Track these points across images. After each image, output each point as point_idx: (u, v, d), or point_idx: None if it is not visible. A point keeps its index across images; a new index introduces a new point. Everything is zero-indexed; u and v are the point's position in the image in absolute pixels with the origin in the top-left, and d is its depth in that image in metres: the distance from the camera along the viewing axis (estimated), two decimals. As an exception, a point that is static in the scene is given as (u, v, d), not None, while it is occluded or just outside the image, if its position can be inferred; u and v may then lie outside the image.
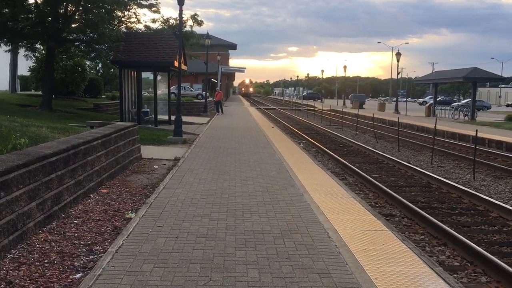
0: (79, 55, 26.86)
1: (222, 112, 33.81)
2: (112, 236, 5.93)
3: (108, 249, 5.25)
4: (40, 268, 4.85)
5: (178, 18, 18.41)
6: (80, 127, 12.48)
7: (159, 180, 9.26)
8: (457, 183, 11.06)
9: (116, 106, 25.77)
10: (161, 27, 27.43)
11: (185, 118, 20.26)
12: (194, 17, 30.21)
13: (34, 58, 25.88)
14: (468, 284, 5.54)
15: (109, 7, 20.88)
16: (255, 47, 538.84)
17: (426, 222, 7.67)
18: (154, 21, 27.28)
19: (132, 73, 22.23)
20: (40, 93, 27.80)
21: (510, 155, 16.01)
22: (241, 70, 69.50)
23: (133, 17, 24.03)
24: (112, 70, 43.91)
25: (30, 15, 20.23)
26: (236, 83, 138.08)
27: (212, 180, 9.04)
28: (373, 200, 9.52)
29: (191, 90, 51.12)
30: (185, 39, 25.98)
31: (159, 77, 24.26)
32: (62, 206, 6.65)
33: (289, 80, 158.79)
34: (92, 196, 7.87)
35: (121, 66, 21.04)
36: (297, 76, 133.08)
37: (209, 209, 6.84)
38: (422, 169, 13.02)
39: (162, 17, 27.69)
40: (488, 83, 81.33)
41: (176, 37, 21.32)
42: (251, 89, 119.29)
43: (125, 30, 23.53)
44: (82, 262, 5.07)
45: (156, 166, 11.14)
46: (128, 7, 22.41)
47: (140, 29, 25.82)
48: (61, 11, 21.09)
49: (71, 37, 22.21)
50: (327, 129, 25.69)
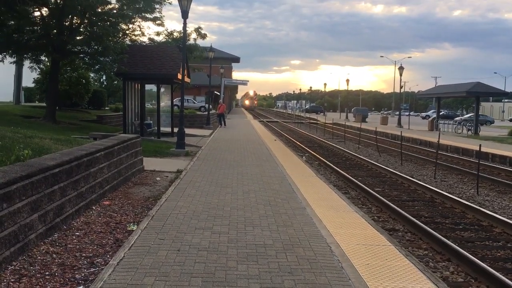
0: (83, 67, 27.09)
1: (225, 125, 33.87)
2: (113, 248, 5.91)
3: (109, 261, 5.22)
4: (41, 280, 4.82)
5: (182, 31, 18.52)
6: (83, 138, 12.50)
7: (161, 193, 9.25)
8: (460, 198, 11.01)
9: (120, 118, 25.85)
10: (165, 40, 27.61)
11: (187, 131, 20.29)
12: (197, 30, 30.48)
13: (38, 70, 26.09)
14: (472, 301, 5.48)
15: (114, 20, 21.08)
16: (258, 60, 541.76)
17: (430, 237, 7.61)
18: (158, 34, 27.50)
19: (136, 85, 22.34)
20: (44, 104, 27.93)
21: (514, 170, 15.93)
22: (244, 82, 69.88)
23: (137, 30, 24.26)
24: (115, 82, 44.16)
25: (35, 28, 20.44)
26: (239, 96, 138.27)
27: (214, 192, 9.01)
28: (376, 214, 9.47)
29: (194, 103, 51.33)
30: (188, 52, 26.14)
31: (162, 90, 24.42)
32: (64, 218, 6.64)
33: (292, 93, 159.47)
34: (94, 208, 7.85)
35: (124, 78, 21.14)
36: (300, 89, 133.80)
37: (211, 222, 6.81)
38: (425, 183, 12.96)
39: (166, 30, 27.95)
40: (491, 97, 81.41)
41: (179, 50, 21.45)
42: (255, 102, 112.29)
43: (129, 43, 23.69)
44: (83, 275, 5.04)
45: (158, 178, 11.13)
46: (133, 20, 22.61)
47: (144, 42, 26.00)
48: (66, 23, 21.30)
49: (75, 50, 22.38)
50: (329, 143, 25.67)
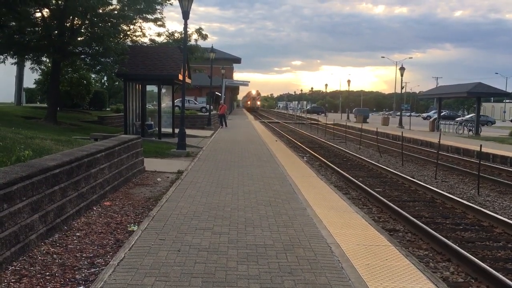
0: (84, 68, 27.06)
1: (226, 125, 33.89)
2: (114, 249, 5.92)
3: (109, 262, 5.23)
4: (41, 280, 4.83)
5: (183, 32, 18.55)
6: (84, 139, 12.52)
7: (162, 193, 9.26)
8: (461, 198, 11.00)
9: (121, 119, 25.86)
10: (166, 40, 27.62)
11: (188, 131, 20.31)
12: (198, 31, 30.45)
13: (40, 71, 26.12)
14: (472, 301, 5.48)
15: (115, 21, 21.09)
16: (259, 61, 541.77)
17: (430, 237, 7.61)
18: (159, 34, 27.49)
19: (137, 86, 22.36)
20: (45, 105, 27.98)
21: (515, 170, 15.92)
22: (245, 83, 69.90)
23: (138, 31, 24.25)
24: (117, 83, 44.21)
25: (36, 29, 20.45)
26: (240, 96, 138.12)
27: (215, 193, 9.02)
28: (376, 215, 9.47)
29: (195, 103, 51.35)
30: (189, 52, 26.15)
31: (163, 90, 24.44)
32: (64, 219, 6.65)
33: (293, 94, 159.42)
34: (95, 208, 7.86)
35: (125, 79, 21.16)
36: (301, 90, 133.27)
37: (212, 223, 6.82)
38: (426, 183, 12.96)
39: (167, 31, 27.90)
40: (492, 98, 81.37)
41: (180, 50, 21.47)
42: (258, 103, 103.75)
43: (130, 44, 23.70)
44: (83, 275, 5.05)
45: (159, 179, 11.14)
46: (134, 21, 22.62)
47: (145, 43, 26.02)
48: (67, 24, 21.31)
49: (76, 50, 22.40)
50: (330, 143, 25.67)
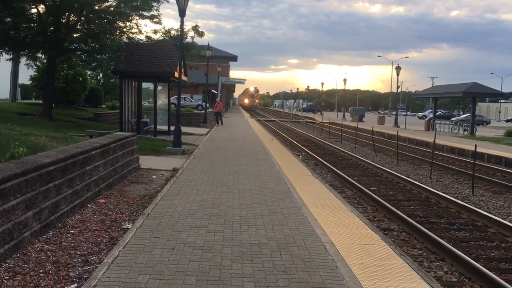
0: (80, 64, 27.01)
1: (222, 123, 33.86)
2: (108, 246, 5.91)
3: (104, 259, 5.22)
4: (35, 278, 4.81)
5: (180, 29, 18.51)
6: (79, 136, 12.48)
7: (157, 191, 9.24)
8: (456, 198, 11.04)
9: (116, 116, 25.82)
10: (162, 38, 27.56)
11: (184, 129, 20.29)
12: (195, 29, 30.40)
13: (35, 67, 26.02)
14: (465, 300, 5.50)
15: (111, 17, 21.05)
16: (255, 59, 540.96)
17: (424, 237, 7.64)
18: (155, 32, 27.41)
19: (133, 83, 22.31)
20: (40, 102, 27.90)
21: (509, 170, 16.01)
22: (242, 81, 69.77)
23: (134, 28, 24.18)
24: (112, 80, 44.12)
25: (32, 25, 20.37)
26: (236, 94, 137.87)
27: (210, 191, 9.02)
28: (371, 214, 9.49)
29: (191, 101, 51.35)
30: (186, 50, 26.10)
31: (159, 88, 24.36)
32: (59, 216, 6.63)
33: (289, 92, 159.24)
34: (89, 206, 7.84)
35: (121, 76, 21.10)
36: (297, 88, 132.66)
37: (207, 221, 6.82)
38: (421, 183, 13.00)
39: (164, 28, 27.82)
40: (487, 98, 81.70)
41: (176, 48, 21.43)
42: (257, 101, 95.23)
43: (127, 41, 23.63)
44: (77, 273, 5.04)
45: (154, 177, 11.13)
46: (130, 18, 22.55)
47: (141, 40, 25.95)
48: (63, 21, 21.23)
49: (72, 47, 22.33)
50: (326, 142, 25.70)
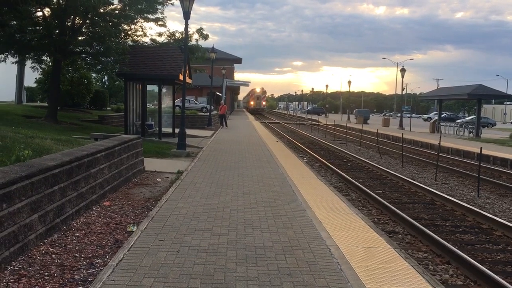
0: (85, 67, 27.08)
1: (226, 126, 33.88)
2: (113, 249, 5.91)
3: (108, 262, 5.22)
4: (40, 280, 4.83)
5: (184, 32, 18.55)
6: (84, 139, 12.52)
7: (162, 193, 9.26)
8: (461, 201, 10.99)
9: (121, 119, 25.86)
10: (167, 40, 27.59)
11: (189, 131, 20.31)
12: (199, 31, 30.37)
13: (40, 70, 26.10)
14: (471, 304, 5.47)
15: (116, 20, 21.10)
16: (260, 61, 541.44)
17: (430, 239, 7.61)
18: (160, 34, 27.44)
19: (137, 85, 22.36)
20: (45, 104, 27.98)
21: (515, 172, 15.91)
22: (246, 83, 69.89)
23: (139, 31, 24.24)
24: (117, 82, 44.23)
25: (37, 28, 20.45)
26: (240, 97, 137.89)
27: (215, 194, 9.02)
28: (376, 217, 9.47)
29: (196, 103, 51.40)
30: (190, 52, 26.13)
31: (164, 90, 24.42)
32: (64, 219, 6.65)
33: (294, 94, 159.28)
34: (94, 208, 7.86)
35: (126, 79, 21.16)
36: (302, 91, 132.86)
37: (211, 224, 6.82)
38: (426, 185, 12.95)
39: (168, 31, 27.82)
40: (493, 100, 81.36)
41: (181, 50, 21.46)
42: (264, 103, 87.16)
43: (131, 43, 23.70)
44: (82, 276, 5.05)
45: (159, 179, 11.14)
46: (135, 20, 22.63)
47: (146, 43, 25.99)
48: (68, 24, 21.32)
49: (77, 50, 22.41)
50: (331, 144, 25.66)
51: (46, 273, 5.02)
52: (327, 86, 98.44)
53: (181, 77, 20.17)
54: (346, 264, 5.33)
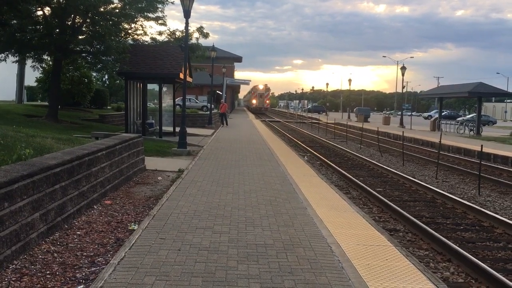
0: (85, 66, 27.11)
1: (227, 124, 33.89)
2: (114, 247, 5.92)
3: (110, 261, 5.23)
4: (42, 279, 4.84)
5: (184, 30, 18.55)
6: (85, 138, 12.53)
7: (163, 192, 9.27)
8: (462, 199, 10.99)
9: (122, 117, 25.89)
10: (167, 39, 27.60)
11: (189, 130, 20.32)
12: (200, 30, 30.39)
13: (41, 69, 26.12)
14: (472, 301, 5.48)
15: (116, 19, 21.09)
16: (260, 60, 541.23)
17: (431, 237, 7.61)
18: (160, 33, 27.45)
19: (138, 84, 22.37)
20: (46, 103, 27.98)
21: (516, 170, 15.91)
22: (246, 82, 69.73)
23: (139, 30, 24.22)
24: (118, 81, 44.25)
25: (38, 27, 20.45)
26: (241, 95, 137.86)
27: (216, 192, 9.03)
28: (377, 215, 9.47)
29: (196, 102, 51.37)
30: (190, 51, 26.13)
31: (164, 89, 24.42)
32: (65, 217, 6.66)
33: (294, 92, 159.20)
34: (95, 207, 7.87)
35: (127, 78, 21.16)
36: (302, 89, 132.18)
37: (212, 222, 6.83)
38: (427, 183, 12.95)
39: (169, 30, 27.84)
40: (493, 98, 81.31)
41: (181, 49, 21.47)
42: (267, 101, 79.20)
43: (132, 42, 23.70)
44: (84, 274, 5.06)
45: (160, 178, 11.15)
46: (135, 19, 22.61)
47: (146, 41, 26.00)
48: (69, 23, 21.32)
49: (78, 49, 22.41)
50: (331, 142, 25.66)
51: (48, 272, 5.03)
52: (327, 84, 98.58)
53: (181, 75, 20.17)
54: (347, 262, 5.34)
